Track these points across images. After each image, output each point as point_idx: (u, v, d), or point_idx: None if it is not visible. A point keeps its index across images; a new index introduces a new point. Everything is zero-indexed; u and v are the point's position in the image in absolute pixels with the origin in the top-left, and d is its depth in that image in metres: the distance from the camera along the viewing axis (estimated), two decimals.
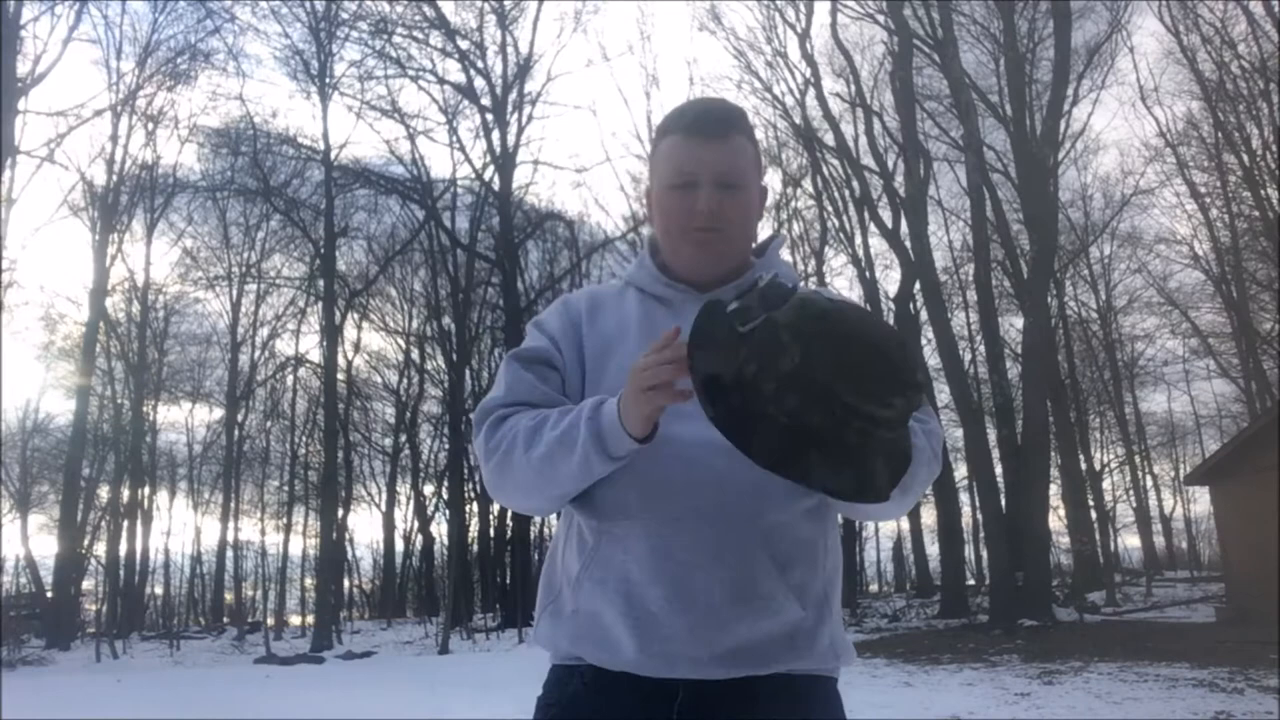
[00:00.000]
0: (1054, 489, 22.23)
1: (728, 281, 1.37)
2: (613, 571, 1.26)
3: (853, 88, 25.06)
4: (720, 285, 1.36)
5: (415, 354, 32.93)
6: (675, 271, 1.39)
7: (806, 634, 1.27)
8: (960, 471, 23.82)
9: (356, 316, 30.60)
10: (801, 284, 1.17)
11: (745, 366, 1.06)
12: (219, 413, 32.57)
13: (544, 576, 1.39)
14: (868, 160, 24.76)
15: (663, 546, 1.24)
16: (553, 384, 1.36)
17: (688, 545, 1.24)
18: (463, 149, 27.84)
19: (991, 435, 19.77)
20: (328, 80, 23.70)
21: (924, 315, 21.85)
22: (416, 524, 35.51)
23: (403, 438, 33.66)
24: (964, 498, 25.84)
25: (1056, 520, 24.31)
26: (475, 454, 1.37)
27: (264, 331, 32.25)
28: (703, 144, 1.33)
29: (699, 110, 1.38)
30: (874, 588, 37.21)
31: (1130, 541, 35.97)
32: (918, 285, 20.79)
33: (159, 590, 37.22)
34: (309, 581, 34.71)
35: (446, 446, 28.74)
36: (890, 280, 26.67)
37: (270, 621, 30.80)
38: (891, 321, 24.87)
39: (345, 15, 24.35)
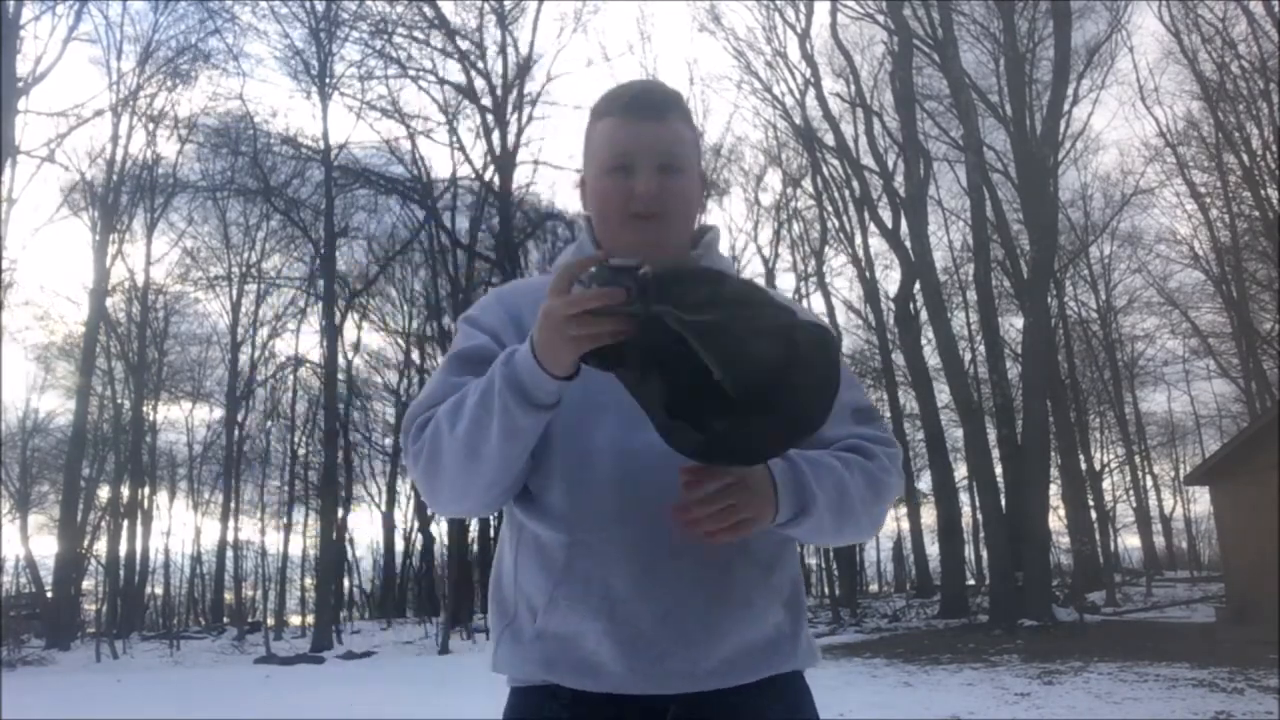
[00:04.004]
0: (1054, 489, 22.24)
1: None
2: (593, 588, 1.18)
3: (853, 88, 25.13)
4: None
5: (415, 354, 32.91)
6: None
7: (789, 638, 1.26)
8: (960, 471, 23.82)
9: (356, 316, 30.68)
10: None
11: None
12: (219, 413, 32.51)
13: (493, 598, 1.31)
14: (868, 160, 24.81)
15: (648, 559, 1.18)
16: None
17: (673, 555, 1.18)
18: (463, 149, 27.84)
19: (991, 435, 19.78)
20: (328, 80, 23.73)
21: (924, 315, 21.85)
22: (416, 524, 35.41)
23: None
24: (964, 498, 25.85)
25: (1056, 520, 24.35)
26: (408, 470, 1.23)
27: (264, 331, 32.31)
28: (640, 125, 1.27)
29: (636, 91, 1.31)
30: (874, 588, 37.24)
31: (1130, 541, 36.06)
32: (918, 285, 20.79)
33: (159, 590, 37.26)
34: (309, 581, 34.75)
35: None
36: (890, 280, 26.72)
37: (270, 621, 30.83)
38: (891, 322, 24.94)
39: (345, 15, 24.39)
